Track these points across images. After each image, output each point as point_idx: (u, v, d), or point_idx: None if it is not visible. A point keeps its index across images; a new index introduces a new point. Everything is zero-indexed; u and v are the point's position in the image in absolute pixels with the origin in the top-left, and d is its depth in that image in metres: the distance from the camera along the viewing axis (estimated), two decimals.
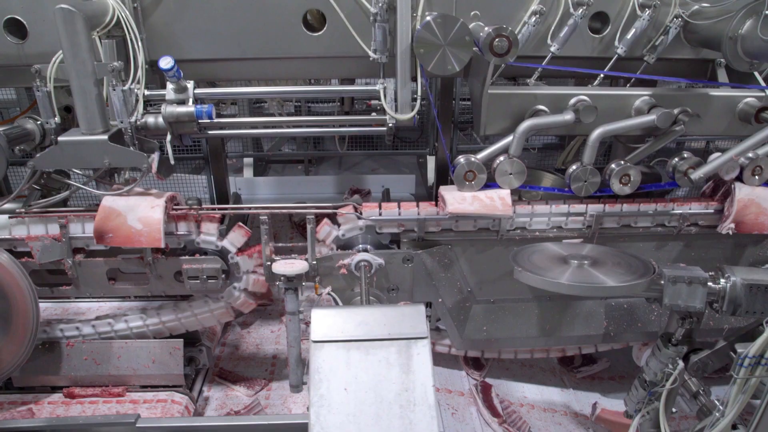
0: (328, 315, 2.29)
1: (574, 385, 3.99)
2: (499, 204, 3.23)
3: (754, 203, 3.32)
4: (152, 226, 3.11)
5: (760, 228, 3.36)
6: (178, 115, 3.16)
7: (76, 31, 2.86)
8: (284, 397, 3.76)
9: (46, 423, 2.83)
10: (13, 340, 3.21)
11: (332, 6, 3.23)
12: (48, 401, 3.52)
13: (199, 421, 2.89)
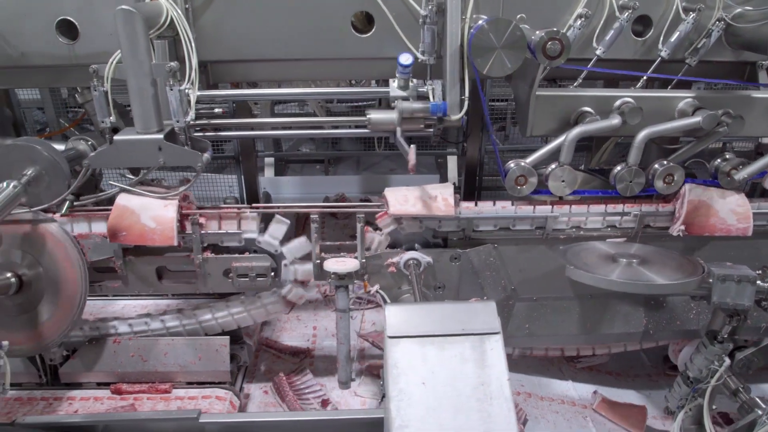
0: (401, 311, 2.34)
1: (573, 376, 4.05)
2: (441, 204, 3.29)
3: (705, 204, 3.35)
4: (165, 225, 3.17)
5: (710, 229, 3.38)
6: (413, 111, 3.21)
7: (135, 31, 2.90)
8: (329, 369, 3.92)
9: (106, 418, 2.85)
10: (61, 309, 3.28)
11: (381, 8, 3.28)
12: (94, 397, 3.56)
13: (264, 417, 2.93)
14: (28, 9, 3.32)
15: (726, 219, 3.37)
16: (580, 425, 3.61)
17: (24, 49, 3.40)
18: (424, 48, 3.30)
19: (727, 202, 3.38)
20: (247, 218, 3.33)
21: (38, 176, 3.18)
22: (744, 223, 3.38)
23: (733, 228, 3.38)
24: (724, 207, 3.36)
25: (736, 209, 3.37)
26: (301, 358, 4.12)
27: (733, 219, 3.37)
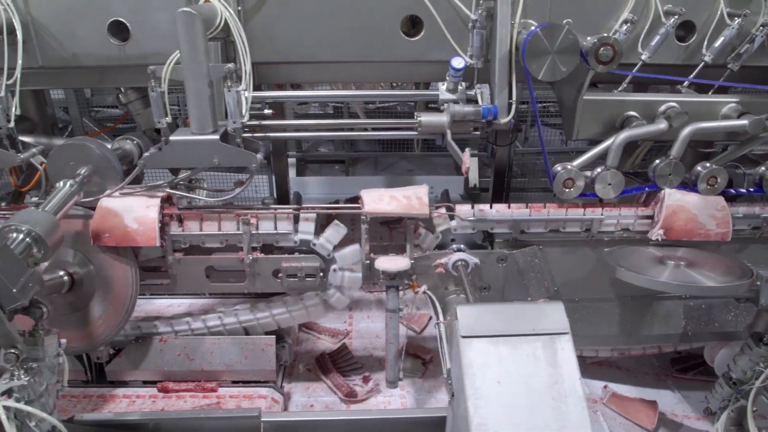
0: (473, 312, 2.39)
1: (582, 371, 4.06)
2: (415, 203, 3.32)
3: (684, 209, 3.34)
4: (147, 225, 3.18)
5: (689, 234, 3.36)
6: (464, 114, 3.25)
7: (195, 33, 2.93)
8: (367, 348, 4.11)
9: (166, 416, 2.88)
10: (112, 308, 3.32)
11: (431, 12, 3.32)
12: (136, 395, 3.59)
13: (324, 415, 2.96)
14: (81, 11, 3.35)
15: (705, 224, 3.35)
16: (591, 420, 3.64)
17: (75, 49, 3.43)
18: (473, 52, 3.35)
19: (706, 207, 3.36)
20: (305, 220, 3.36)
21: (92, 175, 3.20)
22: (723, 228, 3.36)
23: (712, 233, 3.36)
24: (703, 212, 3.35)
25: (715, 214, 3.36)
26: (340, 339, 4.27)
27: (713, 224, 3.36)
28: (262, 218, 3.33)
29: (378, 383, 3.84)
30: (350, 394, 3.71)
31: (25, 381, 2.53)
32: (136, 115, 3.89)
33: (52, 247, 2.78)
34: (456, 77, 3.29)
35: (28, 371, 2.56)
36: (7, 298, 2.41)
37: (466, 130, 3.37)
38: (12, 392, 2.51)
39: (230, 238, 3.37)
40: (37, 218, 2.74)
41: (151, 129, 3.88)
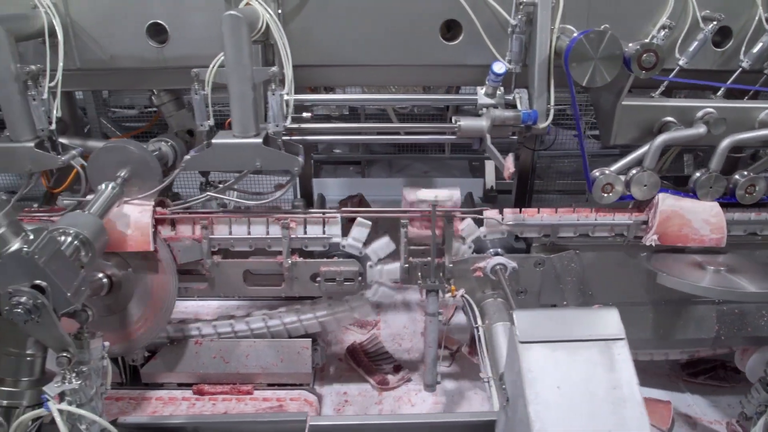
0: (529, 317, 2.39)
1: None
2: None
3: (678, 214, 3.33)
4: (142, 230, 3.19)
5: (683, 240, 3.36)
6: (504, 119, 3.26)
7: (240, 36, 2.93)
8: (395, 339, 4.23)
9: (211, 420, 2.88)
10: (151, 310, 3.33)
11: (470, 17, 3.33)
12: (170, 397, 3.59)
13: (374, 419, 2.96)
14: (121, 13, 3.34)
15: (699, 229, 3.35)
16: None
17: (113, 51, 3.43)
18: (511, 57, 3.36)
19: (700, 213, 3.35)
20: (332, 222, 3.36)
21: (132, 176, 3.20)
22: (717, 234, 3.35)
23: (707, 238, 3.36)
24: (697, 217, 3.35)
25: (710, 219, 3.35)
26: (369, 330, 4.33)
27: (707, 229, 3.35)
28: (299, 222, 3.33)
29: (408, 372, 3.94)
30: (382, 382, 3.83)
31: (76, 385, 2.53)
32: (168, 117, 3.89)
33: (98, 250, 2.79)
34: (496, 82, 3.30)
35: (79, 375, 2.56)
36: (61, 301, 2.41)
37: (505, 134, 3.38)
38: (64, 395, 2.51)
39: (264, 243, 3.37)
40: (84, 221, 2.76)
41: (183, 131, 3.89)
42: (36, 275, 2.32)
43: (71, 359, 2.52)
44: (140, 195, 3.23)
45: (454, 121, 3.38)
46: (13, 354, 2.57)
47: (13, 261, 2.30)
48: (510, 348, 2.43)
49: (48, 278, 2.33)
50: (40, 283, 2.34)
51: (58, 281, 2.36)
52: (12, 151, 3.18)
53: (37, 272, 2.32)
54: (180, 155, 3.63)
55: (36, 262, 2.30)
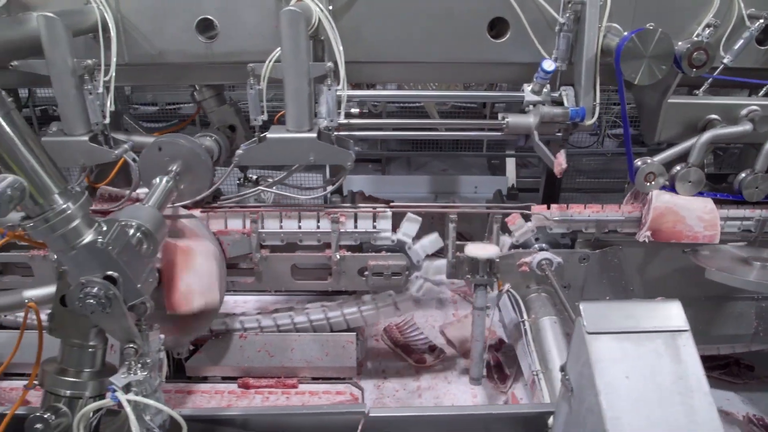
0: (595, 309, 2.42)
1: None
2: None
3: (672, 211, 3.35)
4: None
5: (677, 236, 3.38)
6: (553, 116, 3.29)
7: (298, 32, 2.97)
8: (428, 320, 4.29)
9: (268, 412, 2.90)
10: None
11: (518, 14, 3.36)
12: (215, 391, 3.63)
13: (435, 411, 2.99)
14: (171, 8, 3.37)
15: (693, 226, 3.37)
16: None
17: (162, 47, 3.45)
18: (558, 55, 3.40)
19: (694, 209, 3.38)
20: (384, 217, 3.40)
21: (184, 171, 3.23)
22: (711, 231, 3.37)
23: (700, 235, 3.38)
24: (691, 214, 3.37)
25: (703, 216, 3.38)
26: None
27: (701, 226, 3.38)
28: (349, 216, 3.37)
29: (443, 351, 4.04)
30: (420, 361, 3.95)
31: (142, 376, 2.54)
32: (210, 112, 3.92)
33: (159, 243, 2.81)
34: (545, 79, 3.34)
35: (144, 366, 2.58)
36: (131, 293, 2.42)
37: (552, 131, 3.42)
38: (130, 386, 2.52)
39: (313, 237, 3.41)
40: (145, 214, 2.76)
41: (224, 126, 3.92)
42: (108, 266, 2.33)
43: (138, 350, 2.54)
44: (192, 188, 3.25)
45: (501, 118, 3.42)
46: (76, 345, 2.58)
47: (87, 252, 2.29)
48: (575, 339, 2.47)
49: (120, 270, 2.34)
50: (112, 274, 2.35)
51: (129, 273, 2.38)
52: (66, 145, 3.20)
53: (110, 263, 2.33)
54: (224, 150, 3.66)
55: (110, 253, 2.31)
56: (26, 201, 2.09)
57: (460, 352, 4.11)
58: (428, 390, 3.80)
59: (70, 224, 2.18)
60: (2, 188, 1.97)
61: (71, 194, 2.22)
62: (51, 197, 2.14)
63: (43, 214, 2.13)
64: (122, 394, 2.46)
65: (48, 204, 2.14)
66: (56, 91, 3.15)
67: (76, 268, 2.31)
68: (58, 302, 2.50)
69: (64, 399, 2.55)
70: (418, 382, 3.92)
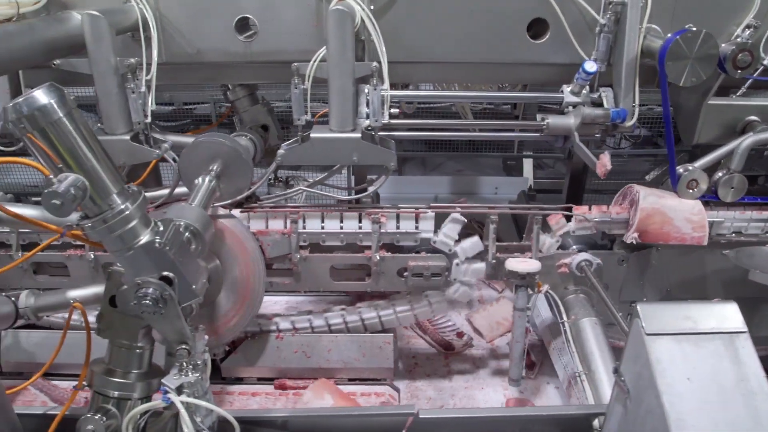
0: (653, 310, 2.42)
1: None
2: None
3: (659, 212, 3.33)
4: None
5: (664, 238, 3.35)
6: (594, 117, 3.28)
7: (345, 31, 2.96)
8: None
9: (316, 413, 2.89)
10: (239, 304, 3.32)
11: (558, 15, 3.36)
12: (252, 392, 3.61)
13: (483, 412, 2.98)
14: (210, 7, 3.36)
15: (681, 227, 3.35)
16: None
17: (200, 45, 3.44)
18: (597, 56, 3.40)
19: (682, 210, 3.35)
20: (426, 218, 3.39)
21: (224, 169, 3.19)
22: (699, 232, 3.35)
23: (688, 237, 3.36)
24: (679, 215, 3.35)
25: (692, 218, 3.35)
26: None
27: (689, 227, 3.36)
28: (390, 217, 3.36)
29: (471, 338, 4.11)
30: (448, 347, 4.01)
31: (193, 378, 2.52)
32: (243, 112, 3.91)
33: (207, 243, 2.80)
34: (585, 80, 3.33)
35: (195, 368, 2.56)
36: (186, 293, 2.41)
37: (591, 132, 3.41)
38: (182, 388, 2.49)
39: (354, 237, 3.40)
40: (193, 213, 2.74)
41: (257, 126, 3.90)
42: (165, 267, 2.32)
43: (190, 352, 2.53)
44: (233, 188, 3.22)
45: (541, 119, 3.41)
46: (125, 346, 2.56)
47: (144, 253, 2.28)
48: (632, 341, 2.46)
49: (176, 270, 2.33)
50: (168, 275, 2.34)
51: (185, 273, 2.37)
52: (108, 144, 3.08)
53: (167, 264, 2.31)
54: (259, 150, 3.65)
55: (167, 254, 2.30)
56: (86, 201, 2.08)
57: (487, 339, 4.14)
58: (461, 392, 3.80)
59: (128, 224, 2.18)
60: (65, 187, 1.96)
61: (129, 194, 2.22)
62: (110, 197, 2.14)
63: (102, 215, 2.13)
64: (175, 395, 2.44)
65: (107, 204, 2.13)
66: (98, 89, 3.13)
67: (131, 268, 2.31)
68: (107, 303, 2.49)
69: (112, 400, 2.55)
70: (450, 382, 3.92)
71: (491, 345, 4.14)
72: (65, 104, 1.96)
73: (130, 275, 2.33)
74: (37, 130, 1.91)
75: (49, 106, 1.90)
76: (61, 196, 1.91)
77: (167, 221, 2.43)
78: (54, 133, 1.95)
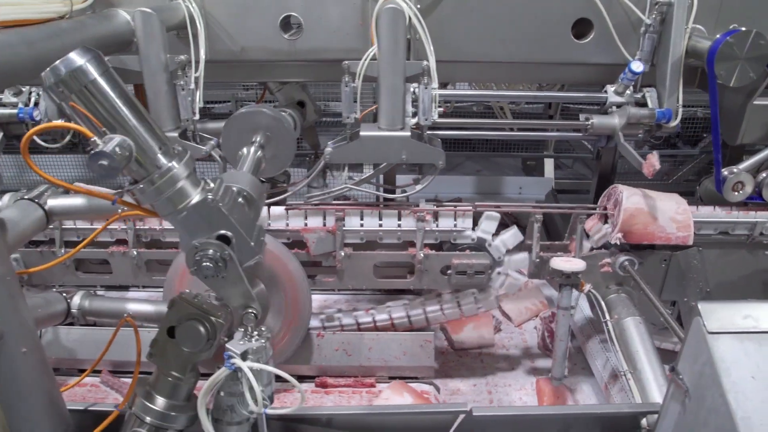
0: (714, 309, 2.43)
1: None
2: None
3: (643, 212, 3.33)
4: None
5: (648, 238, 3.36)
6: (640, 117, 3.31)
7: (398, 29, 2.98)
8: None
9: (365, 411, 2.89)
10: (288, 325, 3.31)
11: (603, 15, 3.37)
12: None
13: (537, 410, 2.99)
14: (255, 5, 3.37)
15: (665, 227, 3.35)
16: None
17: (245, 43, 3.45)
18: (642, 56, 3.41)
19: (666, 210, 3.36)
20: (465, 216, 3.40)
21: (267, 142, 3.12)
22: (684, 232, 3.36)
23: (673, 236, 3.36)
24: (663, 215, 3.35)
25: (676, 217, 3.36)
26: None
27: (673, 227, 3.36)
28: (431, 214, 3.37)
29: (500, 322, 4.15)
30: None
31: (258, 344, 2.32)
32: (276, 91, 3.93)
33: (260, 209, 2.70)
34: (631, 80, 3.34)
35: (261, 335, 2.38)
36: (245, 252, 2.26)
37: (635, 133, 3.42)
38: (247, 354, 2.30)
39: (397, 235, 3.41)
40: (245, 179, 2.62)
41: (292, 103, 3.90)
42: (220, 225, 2.17)
43: (257, 315, 2.38)
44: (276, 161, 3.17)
45: (584, 119, 3.42)
46: (173, 377, 2.39)
47: (197, 212, 2.13)
48: (692, 339, 2.47)
49: (232, 227, 2.18)
50: (225, 233, 2.19)
51: (242, 231, 2.22)
52: None
53: (222, 222, 2.17)
54: (298, 125, 3.60)
55: (221, 210, 2.15)
56: (132, 163, 1.95)
57: (515, 323, 4.13)
58: (499, 393, 3.80)
59: (177, 184, 2.04)
60: (111, 148, 1.84)
61: (174, 153, 2.08)
62: (155, 157, 2.00)
63: (149, 176, 1.99)
64: (241, 360, 2.26)
65: (153, 165, 2.00)
66: (148, 86, 3.14)
67: (186, 231, 2.17)
68: (164, 331, 2.37)
69: (148, 426, 2.39)
70: (484, 379, 3.93)
71: (521, 331, 4.16)
72: (101, 64, 1.88)
73: (186, 240, 2.19)
74: (76, 92, 1.83)
75: (85, 66, 1.82)
76: (108, 156, 1.81)
77: (216, 179, 2.28)
78: (92, 93, 1.86)
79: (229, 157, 3.15)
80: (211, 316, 2.35)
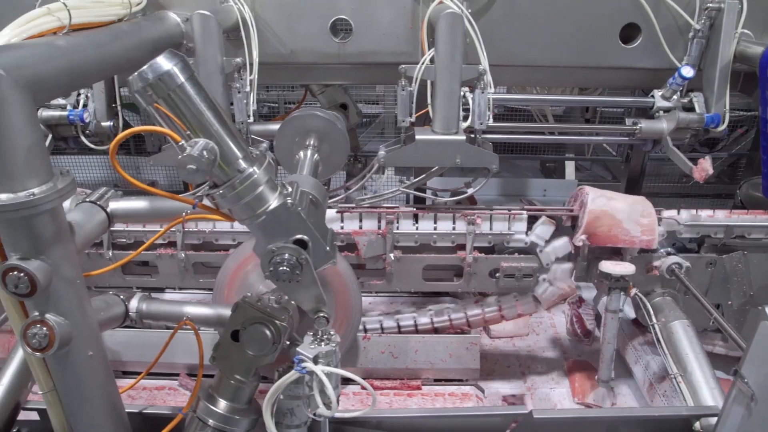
0: None
1: None
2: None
3: (608, 215, 3.29)
4: None
5: (612, 241, 3.33)
6: (689, 121, 3.33)
7: (456, 34, 2.98)
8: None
9: (423, 414, 2.90)
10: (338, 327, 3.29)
11: (651, 20, 3.40)
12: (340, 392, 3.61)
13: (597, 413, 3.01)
14: (306, 8, 3.38)
15: (630, 230, 3.32)
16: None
17: (294, 46, 3.46)
18: (690, 61, 3.44)
19: (631, 213, 3.32)
20: (519, 220, 3.41)
21: (321, 144, 3.11)
22: (648, 236, 3.32)
23: (637, 240, 3.32)
24: (628, 218, 3.32)
25: (641, 220, 3.33)
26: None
27: (638, 231, 3.32)
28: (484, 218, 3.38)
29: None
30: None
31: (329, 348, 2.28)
32: (319, 94, 4.01)
33: (324, 213, 2.70)
34: (680, 85, 3.37)
35: (330, 339, 2.33)
36: (320, 256, 2.25)
37: (683, 137, 3.45)
38: (318, 359, 2.28)
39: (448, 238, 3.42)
40: (310, 182, 2.62)
41: (335, 106, 3.91)
42: (297, 230, 2.15)
43: (329, 319, 2.34)
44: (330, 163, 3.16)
45: (632, 123, 3.44)
46: (236, 381, 2.41)
47: (276, 217, 2.11)
48: (759, 342, 2.48)
49: (309, 232, 2.16)
50: (302, 238, 2.16)
51: (319, 235, 2.20)
52: None
53: (300, 226, 2.14)
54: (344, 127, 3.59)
55: (300, 214, 2.13)
56: (214, 168, 1.94)
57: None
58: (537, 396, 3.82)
59: (257, 189, 2.02)
60: (198, 151, 1.85)
61: (254, 158, 2.06)
62: (237, 162, 1.98)
63: (230, 181, 1.98)
64: (313, 364, 2.24)
65: (234, 170, 1.98)
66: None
67: (263, 235, 2.15)
68: (227, 335, 2.38)
69: (211, 429, 2.41)
70: (525, 383, 3.94)
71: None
72: (187, 69, 1.88)
73: (262, 244, 2.17)
74: (163, 97, 1.83)
75: (173, 72, 1.82)
76: (196, 160, 1.82)
77: (291, 183, 2.26)
78: (179, 98, 1.86)
79: (282, 159, 3.15)
80: (276, 320, 2.36)
